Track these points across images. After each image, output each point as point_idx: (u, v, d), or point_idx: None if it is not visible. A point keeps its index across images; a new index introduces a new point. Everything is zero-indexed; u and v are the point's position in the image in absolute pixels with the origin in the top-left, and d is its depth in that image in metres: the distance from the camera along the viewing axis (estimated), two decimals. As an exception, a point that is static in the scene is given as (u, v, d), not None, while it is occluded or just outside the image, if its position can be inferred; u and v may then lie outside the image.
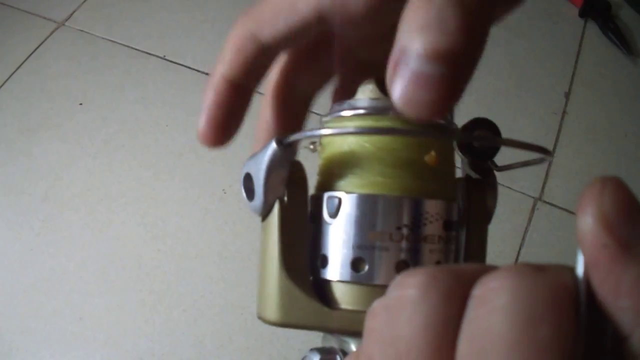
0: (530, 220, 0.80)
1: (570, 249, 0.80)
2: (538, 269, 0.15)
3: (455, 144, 0.25)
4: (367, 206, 0.22)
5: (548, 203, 0.81)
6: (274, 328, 0.25)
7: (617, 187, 0.14)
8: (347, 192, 0.23)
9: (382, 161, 0.23)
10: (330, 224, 0.23)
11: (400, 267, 0.23)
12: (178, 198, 0.80)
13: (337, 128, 0.24)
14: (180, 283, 0.74)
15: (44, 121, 0.86)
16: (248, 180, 0.23)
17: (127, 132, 0.85)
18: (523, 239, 0.78)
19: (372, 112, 0.23)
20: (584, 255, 0.14)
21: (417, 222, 0.23)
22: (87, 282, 0.74)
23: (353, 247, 0.22)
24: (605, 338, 0.14)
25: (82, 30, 0.94)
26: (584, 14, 0.99)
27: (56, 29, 0.94)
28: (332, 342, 0.24)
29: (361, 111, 0.23)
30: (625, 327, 0.14)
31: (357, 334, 0.22)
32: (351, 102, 0.24)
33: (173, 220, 0.79)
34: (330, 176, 0.24)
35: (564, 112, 0.91)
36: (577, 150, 0.88)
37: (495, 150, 0.26)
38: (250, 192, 0.23)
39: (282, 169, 0.23)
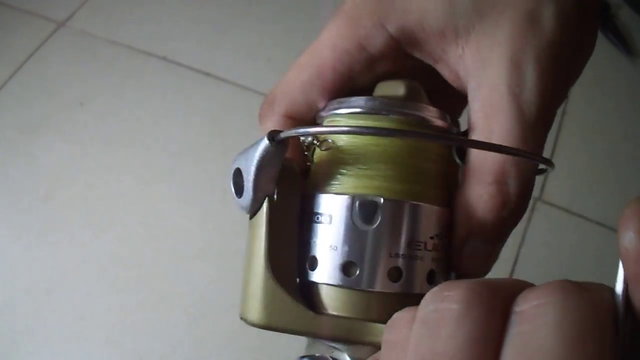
0: (529, 220, 0.80)
1: (570, 249, 0.80)
2: (580, 287, 0.15)
3: (453, 150, 0.24)
4: (408, 214, 0.22)
5: (547, 203, 0.81)
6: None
7: None
8: (385, 198, 0.22)
9: (418, 170, 0.22)
10: (364, 230, 0.21)
11: (431, 276, 0.22)
12: (178, 198, 0.80)
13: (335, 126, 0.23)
14: (180, 283, 0.74)
15: (45, 121, 0.86)
16: (238, 176, 0.22)
17: (127, 132, 0.85)
18: (522, 238, 0.78)
19: (371, 112, 0.22)
20: (627, 269, 0.15)
21: (444, 232, 0.23)
22: (87, 282, 0.74)
23: (390, 256, 0.21)
24: None
25: (82, 31, 0.95)
26: (583, 14, 0.99)
27: (57, 29, 0.94)
28: (319, 350, 0.23)
29: (358, 110, 0.23)
30: None
31: (346, 341, 0.22)
32: (349, 100, 0.23)
33: (173, 220, 0.79)
34: (343, 177, 0.22)
35: (564, 112, 0.91)
36: (577, 150, 0.88)
37: None
38: (239, 188, 0.23)
39: (273, 166, 0.22)
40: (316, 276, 0.22)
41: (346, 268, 0.22)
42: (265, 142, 0.21)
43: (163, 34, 0.95)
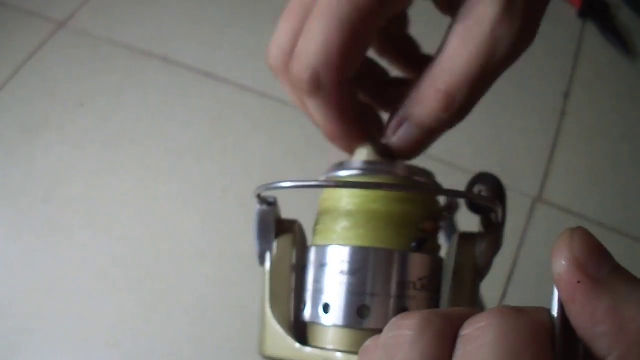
0: (528, 220, 0.80)
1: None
2: (518, 310, 0.17)
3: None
4: (388, 262, 0.26)
5: (547, 203, 0.81)
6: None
7: (583, 234, 0.17)
8: (371, 247, 0.25)
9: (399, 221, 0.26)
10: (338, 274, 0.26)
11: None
12: (178, 198, 0.80)
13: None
14: (180, 283, 0.74)
15: (45, 122, 0.86)
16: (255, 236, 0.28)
17: (127, 133, 0.85)
18: (522, 238, 0.78)
19: (367, 172, 0.26)
20: (561, 292, 0.17)
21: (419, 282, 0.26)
22: (87, 282, 0.74)
23: (360, 296, 0.25)
24: None
25: (82, 31, 0.95)
26: (582, 14, 0.99)
27: (57, 29, 0.94)
28: None
29: (356, 172, 0.26)
30: (603, 350, 0.16)
31: None
32: (347, 163, 0.27)
33: (173, 220, 0.79)
34: (331, 231, 0.26)
35: (563, 112, 0.91)
36: (576, 151, 0.88)
37: (489, 209, 0.28)
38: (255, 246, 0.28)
39: (269, 225, 0.27)
40: (305, 315, 0.27)
41: (325, 308, 0.26)
42: (257, 206, 0.27)
43: (163, 34, 0.95)
